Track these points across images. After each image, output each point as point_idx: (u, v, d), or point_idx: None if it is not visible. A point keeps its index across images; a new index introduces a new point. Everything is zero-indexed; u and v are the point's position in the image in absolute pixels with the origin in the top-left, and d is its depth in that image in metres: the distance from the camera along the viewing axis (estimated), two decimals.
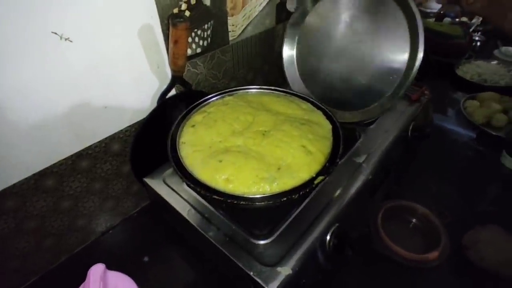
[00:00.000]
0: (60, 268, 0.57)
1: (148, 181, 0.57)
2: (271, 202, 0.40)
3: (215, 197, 0.41)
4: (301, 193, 0.41)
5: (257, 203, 0.40)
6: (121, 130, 0.55)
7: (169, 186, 0.56)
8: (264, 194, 0.41)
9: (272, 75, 0.83)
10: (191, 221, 0.50)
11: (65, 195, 0.53)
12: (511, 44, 1.23)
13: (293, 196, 0.40)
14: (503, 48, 1.21)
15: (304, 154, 0.46)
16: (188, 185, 0.50)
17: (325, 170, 0.44)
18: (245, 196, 0.41)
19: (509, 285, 0.55)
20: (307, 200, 0.52)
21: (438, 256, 0.57)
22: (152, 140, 0.56)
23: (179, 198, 0.54)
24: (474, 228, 0.61)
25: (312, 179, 0.43)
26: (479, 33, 1.36)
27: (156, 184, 0.57)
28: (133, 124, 0.57)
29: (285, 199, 0.40)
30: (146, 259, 0.59)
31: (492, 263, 0.56)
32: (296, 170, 0.44)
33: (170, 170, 0.59)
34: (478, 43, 1.33)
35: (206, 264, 0.58)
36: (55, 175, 0.49)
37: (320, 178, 0.43)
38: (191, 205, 0.52)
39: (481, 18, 1.22)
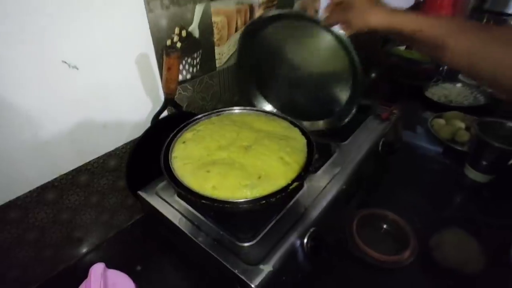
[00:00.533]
0: (58, 277, 0.60)
1: (142, 194, 0.63)
2: (252, 205, 0.46)
3: (204, 201, 0.47)
4: (278, 196, 0.47)
5: (240, 205, 0.46)
6: (118, 148, 0.61)
7: (161, 198, 0.61)
8: (246, 199, 0.47)
9: None
10: (182, 229, 0.55)
11: (64, 208, 0.57)
12: None
13: (271, 199, 0.47)
14: None
15: (282, 165, 0.52)
16: (179, 193, 0.56)
17: (300, 177, 0.50)
18: (229, 200, 0.47)
19: (469, 281, 0.61)
20: (287, 207, 0.58)
21: (407, 257, 0.63)
22: (146, 156, 0.62)
23: (171, 209, 0.59)
24: (439, 232, 0.68)
25: (288, 185, 0.49)
26: None
27: (150, 197, 0.62)
28: (129, 142, 0.63)
29: (264, 202, 0.46)
30: (138, 268, 0.63)
31: (454, 262, 0.62)
32: (274, 178, 0.50)
33: (162, 184, 0.64)
34: (445, 68, 1.45)
35: (196, 272, 0.62)
36: (56, 188, 0.54)
37: (295, 184, 0.49)
38: (182, 214, 0.58)
39: None
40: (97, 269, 0.42)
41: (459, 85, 1.24)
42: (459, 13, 1.54)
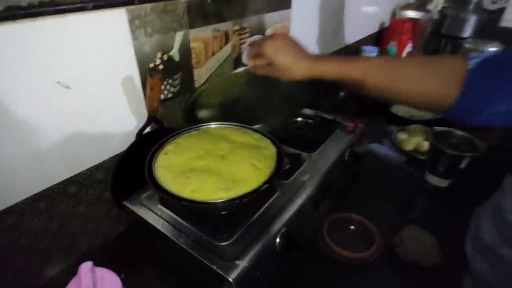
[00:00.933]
0: (47, 284, 0.63)
1: (127, 203, 0.67)
2: (227, 204, 0.52)
3: (184, 203, 0.52)
4: (250, 197, 0.53)
5: (216, 205, 0.52)
6: (105, 160, 0.66)
7: (145, 207, 0.66)
8: (222, 199, 0.53)
9: None
10: (165, 232, 0.60)
11: (54, 216, 0.61)
12: None
13: (244, 199, 0.53)
14: None
15: (254, 170, 0.59)
16: (161, 200, 0.61)
17: (270, 180, 0.57)
18: (207, 201, 0.53)
19: (429, 273, 0.67)
20: (260, 211, 0.64)
21: (372, 253, 0.70)
22: (130, 169, 0.67)
23: (154, 215, 0.64)
24: (402, 230, 0.75)
25: (259, 187, 0.55)
26: None
27: (134, 206, 0.66)
28: (115, 155, 0.68)
29: (238, 201, 0.52)
30: (122, 276, 0.66)
31: (414, 256, 0.69)
32: (247, 181, 0.57)
33: (146, 194, 0.69)
34: None
35: (177, 278, 0.66)
36: (48, 197, 0.59)
37: (266, 185, 0.55)
38: (165, 220, 0.63)
39: None
40: (86, 266, 0.46)
41: None
42: (418, 38, 1.70)
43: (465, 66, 0.42)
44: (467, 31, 1.77)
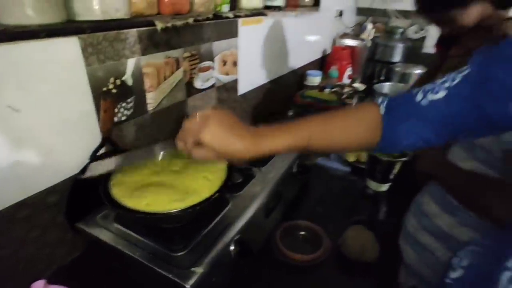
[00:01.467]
0: None
1: (82, 225, 0.67)
2: (181, 213, 0.56)
3: (139, 215, 0.55)
4: (202, 205, 0.57)
5: (170, 215, 0.56)
6: (59, 183, 0.67)
7: (100, 226, 0.67)
8: (176, 209, 0.56)
9: None
10: (121, 249, 0.61)
11: (6, 242, 0.60)
12: None
13: (197, 208, 0.57)
14: None
15: (206, 182, 0.63)
16: (116, 218, 0.63)
17: (221, 189, 0.62)
18: (161, 212, 0.56)
19: (370, 267, 0.75)
20: (215, 221, 0.68)
21: (320, 254, 0.76)
22: (85, 190, 0.68)
23: (109, 234, 0.65)
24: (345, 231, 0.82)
25: (211, 196, 0.60)
26: (352, 98, 1.79)
27: (90, 227, 0.67)
28: (69, 177, 0.69)
29: (190, 210, 0.56)
30: None
31: (356, 253, 0.76)
32: (200, 192, 0.61)
33: (101, 214, 0.69)
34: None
35: None
36: (1, 220, 0.58)
37: (217, 194, 0.60)
38: (121, 237, 0.64)
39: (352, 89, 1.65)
40: (39, 284, 0.47)
41: None
42: (356, 63, 1.90)
43: (378, 112, 0.50)
44: (397, 57, 2.01)
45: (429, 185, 0.70)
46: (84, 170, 0.69)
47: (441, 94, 0.44)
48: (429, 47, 2.14)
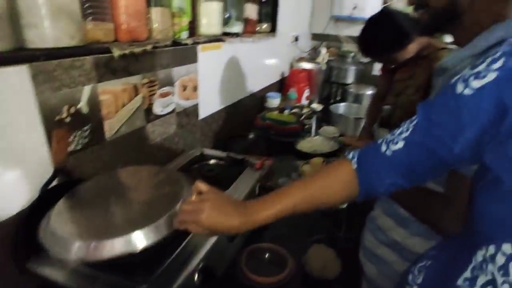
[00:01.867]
0: None
1: (33, 266, 0.62)
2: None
3: None
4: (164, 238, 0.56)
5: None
6: (3, 221, 0.62)
7: (52, 265, 0.62)
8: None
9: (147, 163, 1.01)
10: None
11: None
12: (328, 125, 1.74)
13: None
14: (323, 128, 1.70)
15: None
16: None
17: None
18: None
19: (333, 283, 0.77)
20: (177, 251, 0.66)
21: (286, 275, 0.77)
22: (34, 227, 0.64)
23: (63, 273, 0.61)
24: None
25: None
26: (311, 118, 1.87)
27: (40, 267, 0.62)
28: (17, 213, 0.64)
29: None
30: None
31: (318, 271, 0.78)
32: None
33: None
34: (312, 125, 1.80)
35: None
36: None
37: None
38: (79, 273, 0.60)
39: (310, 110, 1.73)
40: None
41: (320, 138, 1.57)
42: (313, 84, 2.00)
43: (351, 167, 0.53)
44: (350, 79, 2.15)
45: (381, 200, 0.75)
46: (32, 205, 0.65)
47: (400, 145, 0.48)
48: (377, 70, 2.31)
